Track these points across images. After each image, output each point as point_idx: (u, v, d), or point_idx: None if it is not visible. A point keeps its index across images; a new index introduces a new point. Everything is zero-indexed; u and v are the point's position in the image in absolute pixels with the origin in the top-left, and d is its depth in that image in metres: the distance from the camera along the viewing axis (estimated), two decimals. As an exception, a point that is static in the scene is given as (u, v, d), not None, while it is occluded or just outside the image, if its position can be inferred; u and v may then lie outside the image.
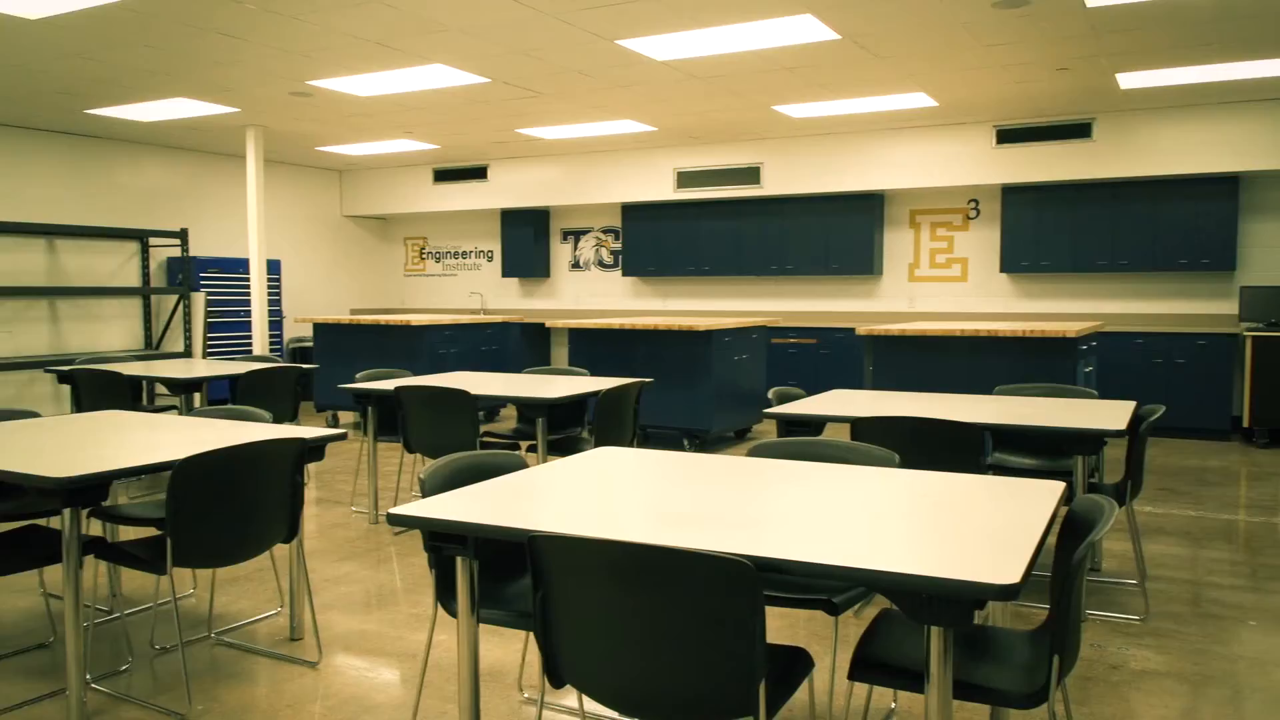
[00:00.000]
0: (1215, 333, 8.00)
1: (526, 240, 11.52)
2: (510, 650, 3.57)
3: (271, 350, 10.92)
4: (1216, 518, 5.48)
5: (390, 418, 5.39)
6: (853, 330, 9.34)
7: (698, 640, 1.82)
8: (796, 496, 2.35)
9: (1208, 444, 7.97)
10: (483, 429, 5.44)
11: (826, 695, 3.17)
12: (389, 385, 5.29)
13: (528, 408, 4.81)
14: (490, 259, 12.25)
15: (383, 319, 8.72)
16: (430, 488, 2.54)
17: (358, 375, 5.78)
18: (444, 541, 2.22)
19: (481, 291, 12.32)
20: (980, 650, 2.27)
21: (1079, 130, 8.49)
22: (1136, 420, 3.92)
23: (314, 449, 3.40)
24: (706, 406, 7.36)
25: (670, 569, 1.80)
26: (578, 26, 5.72)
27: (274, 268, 11.05)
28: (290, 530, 3.34)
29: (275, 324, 11.06)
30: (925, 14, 5.48)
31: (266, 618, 3.92)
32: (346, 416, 9.62)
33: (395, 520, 2.21)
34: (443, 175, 11.75)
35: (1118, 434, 3.57)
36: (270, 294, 10.95)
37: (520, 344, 10.49)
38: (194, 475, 2.95)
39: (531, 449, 4.98)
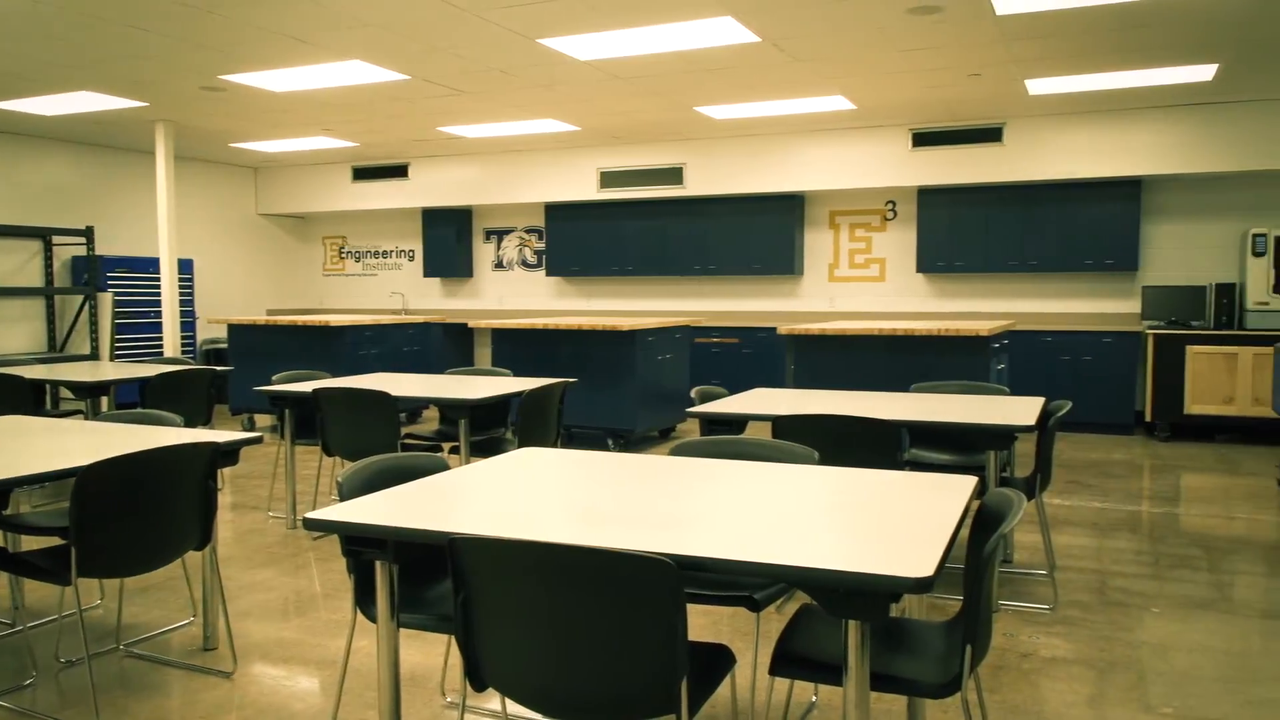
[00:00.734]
0: (1119, 331, 8.31)
1: (449, 240, 11.40)
2: (432, 654, 3.53)
3: (184, 352, 10.60)
4: (1121, 509, 5.69)
5: (309, 420, 5.28)
6: (774, 329, 9.46)
7: (619, 640, 1.83)
8: (718, 495, 2.37)
9: (1113, 438, 8.27)
10: (404, 431, 5.37)
11: (749, 691, 3.21)
12: (307, 387, 5.18)
13: (450, 409, 4.76)
14: (412, 258, 12.09)
15: (300, 319, 8.54)
16: (348, 491, 2.50)
17: (275, 377, 5.65)
18: (362, 546, 2.18)
19: (403, 291, 12.15)
20: (897, 642, 2.32)
21: (991, 134, 8.74)
22: (1045, 416, 4.05)
23: (227, 453, 3.32)
24: (630, 406, 7.38)
25: (591, 569, 1.81)
26: (498, 24, 5.69)
27: (186, 267, 10.73)
28: (203, 537, 3.25)
29: (187, 325, 10.74)
30: (842, 18, 5.58)
31: (179, 628, 3.81)
32: (263, 419, 9.39)
33: (312, 525, 2.17)
34: (362, 173, 11.55)
35: (1028, 429, 3.69)
36: (182, 294, 10.63)
37: (442, 345, 10.39)
38: (99, 482, 2.85)
39: (454, 450, 4.93)
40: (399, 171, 11.33)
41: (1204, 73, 6.95)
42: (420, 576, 2.72)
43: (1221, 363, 7.85)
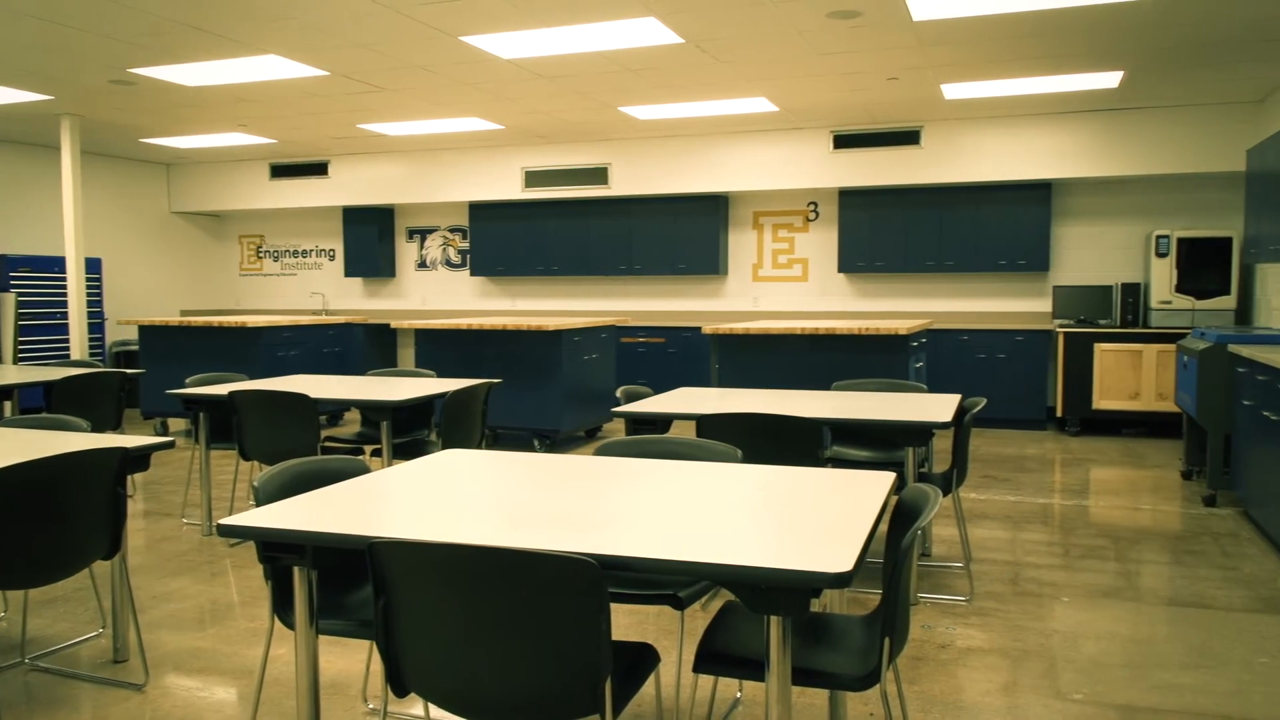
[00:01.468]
0: (1031, 329, 8.56)
1: (370, 239, 11.22)
2: (354, 661, 3.47)
3: (92, 354, 10.24)
4: (1034, 502, 5.86)
5: (224, 424, 5.14)
6: (699, 329, 9.53)
7: (543, 641, 1.82)
8: (642, 494, 2.38)
9: (1026, 433, 8.53)
10: (324, 434, 5.27)
11: (674, 689, 3.22)
12: (223, 390, 5.05)
13: (371, 411, 4.68)
14: (332, 258, 11.87)
15: (216, 320, 8.32)
16: (265, 496, 2.44)
17: (188, 380, 5.48)
18: (280, 552, 2.14)
19: (323, 292, 11.92)
20: (818, 637, 2.35)
21: (909, 137, 8.92)
22: (961, 412, 4.16)
23: (137, 458, 3.21)
24: (556, 406, 7.36)
25: (514, 571, 1.79)
26: (420, 21, 5.62)
27: (94, 266, 10.37)
28: (112, 546, 3.14)
29: (96, 326, 10.38)
30: (764, 21, 5.64)
31: (87, 640, 3.68)
32: (178, 424, 9.13)
33: (227, 531, 2.11)
34: (280, 171, 11.30)
35: (944, 426, 3.78)
36: (90, 294, 10.27)
37: (364, 346, 10.22)
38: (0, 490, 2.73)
39: (376, 453, 4.85)
40: (318, 169, 11.11)
41: (1109, 80, 7.20)
42: (340, 582, 2.68)
43: (1127, 360, 8.15)
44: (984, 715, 2.99)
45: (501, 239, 10.65)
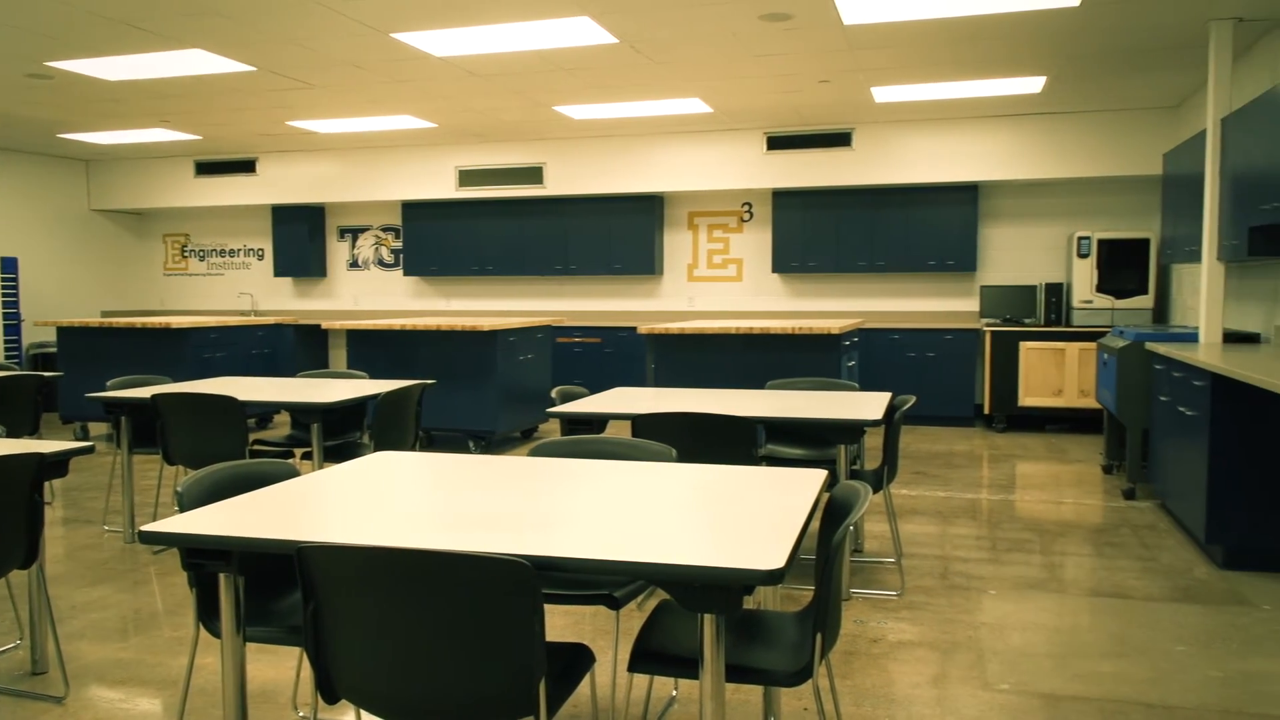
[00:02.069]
0: (959, 328, 8.75)
1: (300, 238, 11.02)
2: (283, 668, 3.40)
3: (8, 357, 9.89)
4: (962, 497, 5.99)
5: (148, 428, 5.01)
6: (635, 329, 9.54)
7: (476, 644, 1.80)
8: (577, 495, 2.37)
9: (955, 430, 8.71)
10: (253, 437, 5.16)
11: (610, 689, 3.22)
12: (145, 393, 4.91)
13: (302, 413, 4.60)
14: (261, 257, 11.63)
15: (139, 322, 8.09)
16: (189, 501, 2.38)
17: (110, 383, 5.32)
18: (205, 558, 2.09)
19: (251, 292, 11.68)
20: (752, 633, 2.37)
21: (840, 139, 9.05)
22: (891, 410, 4.23)
23: (55, 464, 3.11)
24: (492, 407, 7.31)
25: (445, 573, 1.78)
26: (350, 17, 5.53)
27: (9, 266, 10.01)
28: (28, 554, 3.04)
29: (12, 328, 10.02)
30: (697, 22, 5.67)
31: (4, 651, 3.55)
32: (99, 428, 8.86)
33: (149, 538, 2.06)
34: (206, 168, 11.04)
35: (875, 423, 3.84)
36: (6, 295, 9.91)
37: (295, 347, 10.04)
38: (-93, 499, 2.63)
39: (306, 456, 4.76)
40: (246, 167, 10.88)
41: (1033, 85, 7.39)
42: (268, 588, 2.62)
43: (1051, 357, 8.37)
44: (914, 707, 3.04)
45: (435, 238, 10.55)
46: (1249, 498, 4.41)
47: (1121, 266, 8.28)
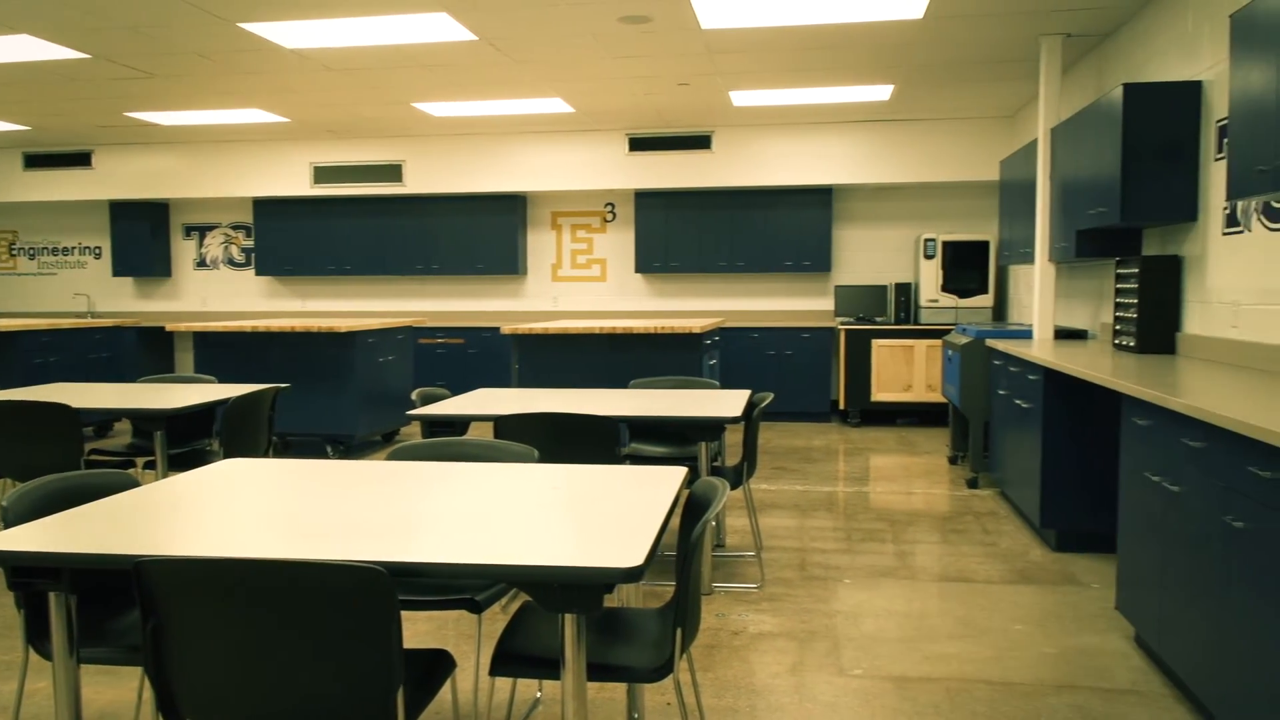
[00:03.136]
0: (816, 327, 9.03)
1: (142, 235, 10.45)
2: (125, 690, 3.22)
3: None
4: (819, 490, 6.18)
5: (-30, 439, 4.65)
6: (499, 329, 9.46)
7: (329, 654, 1.75)
8: (437, 498, 2.34)
9: (812, 425, 8.98)
10: (90, 447, 4.87)
11: (473, 693, 3.19)
12: (-33, 401, 4.56)
13: (143, 420, 4.37)
14: (98, 256, 10.98)
15: (-41, 325, 7.52)
16: (15, 516, 2.23)
17: (-75, 391, 4.93)
18: (32, 576, 1.95)
19: (88, 293, 11.01)
20: (614, 632, 2.39)
21: (701, 141, 9.21)
22: (750, 407, 4.33)
23: None
24: (350, 411, 7.11)
25: (295, 583, 1.72)
26: (194, 4, 5.28)
27: None
28: None
29: None
30: (557, 22, 5.67)
31: None
32: (-86, 440, 8.17)
33: (-33, 557, 1.91)
34: (36, 160, 10.34)
35: (735, 420, 3.92)
36: None
37: (136, 351, 9.53)
38: None
39: (150, 465, 4.53)
40: (81, 159, 10.25)
41: (882, 93, 7.70)
42: (106, 605, 2.48)
43: (901, 354, 8.74)
44: (773, 696, 3.13)
45: (289, 237, 10.19)
46: (1079, 484, 4.71)
47: (964, 267, 8.71)
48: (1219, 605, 2.68)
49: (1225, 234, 4.35)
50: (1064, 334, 6.20)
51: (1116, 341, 5.15)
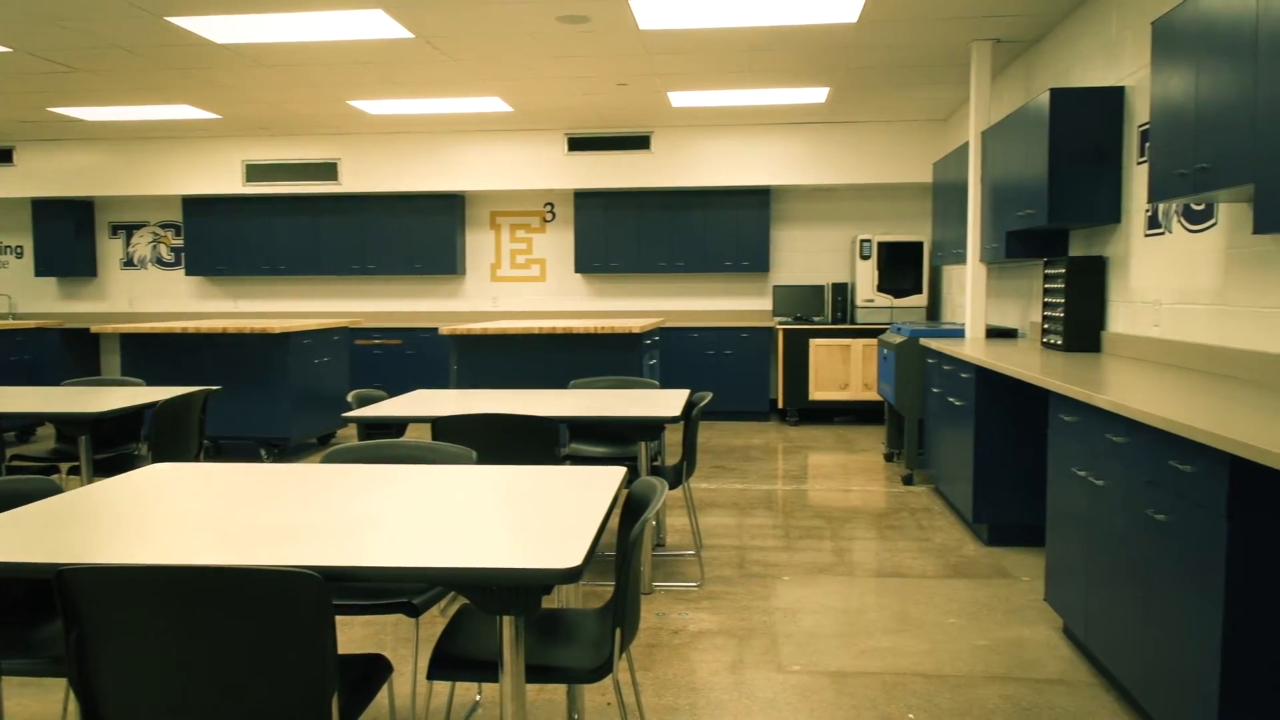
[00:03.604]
0: (755, 326, 9.11)
1: (66, 234, 10.14)
2: (50, 702, 3.13)
3: None
4: (759, 489, 6.24)
5: (-119, 445, 4.47)
6: (437, 330, 9.37)
7: (261, 662, 1.72)
8: (373, 501, 2.31)
9: (751, 424, 9.06)
10: (11, 452, 4.71)
11: (411, 698, 3.15)
12: (-122, 406, 4.39)
13: (67, 424, 4.25)
14: (20, 255, 10.63)
15: None
16: (-71, 526, 2.15)
17: None
18: (-53, 587, 1.89)
19: (9, 293, 10.65)
20: (554, 633, 2.38)
21: (640, 142, 9.22)
22: (690, 407, 4.35)
23: None
24: (285, 413, 6.98)
25: (227, 590, 1.69)
26: (119, -2, 5.15)
27: None
28: None
29: None
30: (495, 20, 5.63)
31: None
32: None
33: (-123, 568, 1.84)
34: (-48, 156, 9.98)
35: (674, 420, 3.94)
36: None
37: (60, 353, 9.26)
38: None
39: (74, 471, 4.40)
40: (1, 156, 9.91)
41: (818, 95, 7.79)
42: (27, 616, 2.41)
43: (838, 353, 8.85)
44: (713, 694, 3.15)
45: (221, 236, 9.97)
46: (1010, 480, 4.82)
47: (899, 267, 8.86)
48: (1141, 596, 2.76)
49: (1147, 236, 4.49)
50: (995, 333, 6.34)
51: (1045, 340, 5.28)
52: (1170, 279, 4.24)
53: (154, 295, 10.48)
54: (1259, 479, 2.25)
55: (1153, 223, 4.43)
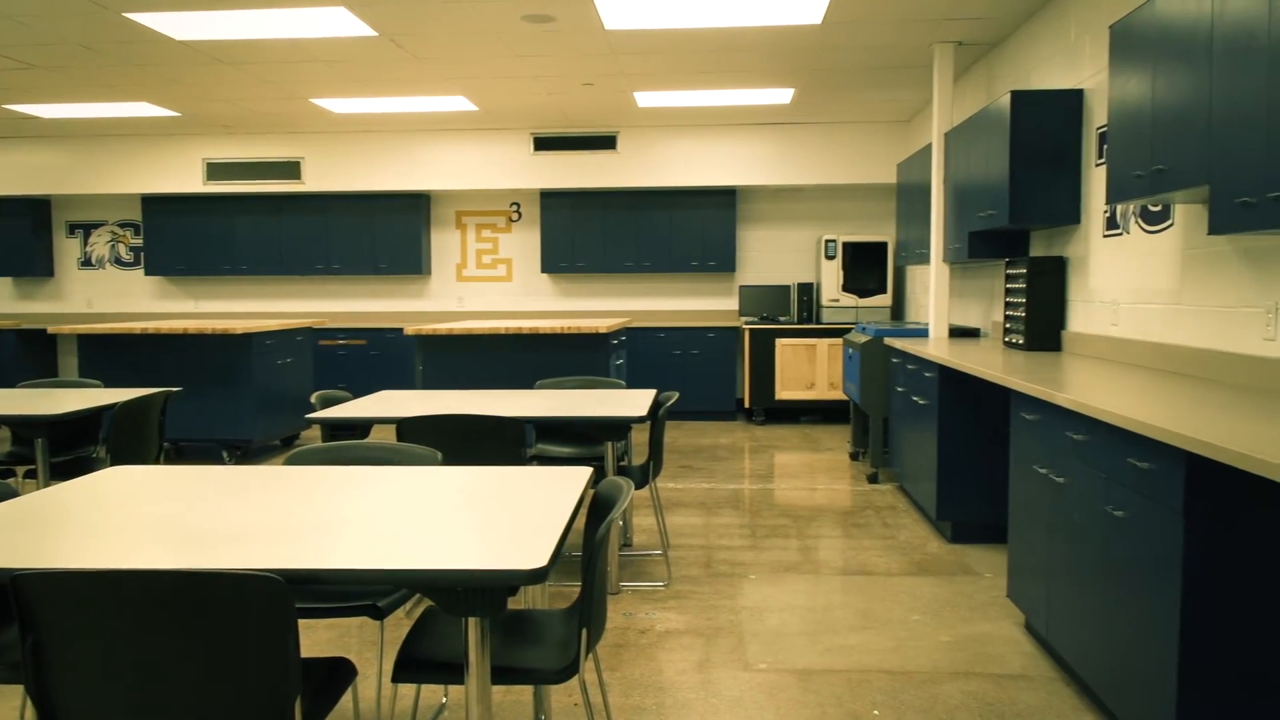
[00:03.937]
0: (721, 326, 9.13)
1: (22, 233, 9.95)
2: (7, 708, 3.07)
3: None
4: (725, 488, 6.26)
5: None
6: (402, 330, 9.30)
7: (224, 665, 1.70)
8: (337, 503, 2.29)
9: (718, 424, 9.08)
10: (-36, 455, 4.62)
11: (376, 701, 3.13)
12: None
13: (23, 426, 4.17)
14: (-27, 255, 10.41)
15: None
16: (-121, 531, 2.10)
17: None
18: (-102, 594, 1.85)
19: (-38, 293, 10.44)
20: (521, 634, 2.38)
21: (605, 142, 9.22)
22: (656, 407, 4.35)
23: None
24: (247, 415, 6.90)
25: (187, 594, 1.66)
26: (75, -7, 5.06)
27: None
28: None
29: None
30: (459, 19, 5.60)
31: None
32: None
33: None
34: (-98, 153, 9.75)
35: (640, 420, 3.94)
36: None
37: (16, 354, 9.09)
38: None
39: (31, 475, 4.32)
40: (-47, 153, 9.71)
41: (783, 96, 7.83)
42: (-18, 623, 2.36)
43: (804, 353, 8.90)
44: (680, 693, 3.15)
45: (181, 235, 9.83)
46: (973, 477, 4.87)
47: (864, 268, 8.92)
48: (1101, 591, 2.81)
49: (1106, 236, 4.55)
50: (958, 332, 6.40)
51: (1007, 339, 5.34)
52: (1128, 279, 4.31)
53: (113, 295, 10.32)
54: (1215, 476, 2.29)
55: (1111, 223, 4.50)
